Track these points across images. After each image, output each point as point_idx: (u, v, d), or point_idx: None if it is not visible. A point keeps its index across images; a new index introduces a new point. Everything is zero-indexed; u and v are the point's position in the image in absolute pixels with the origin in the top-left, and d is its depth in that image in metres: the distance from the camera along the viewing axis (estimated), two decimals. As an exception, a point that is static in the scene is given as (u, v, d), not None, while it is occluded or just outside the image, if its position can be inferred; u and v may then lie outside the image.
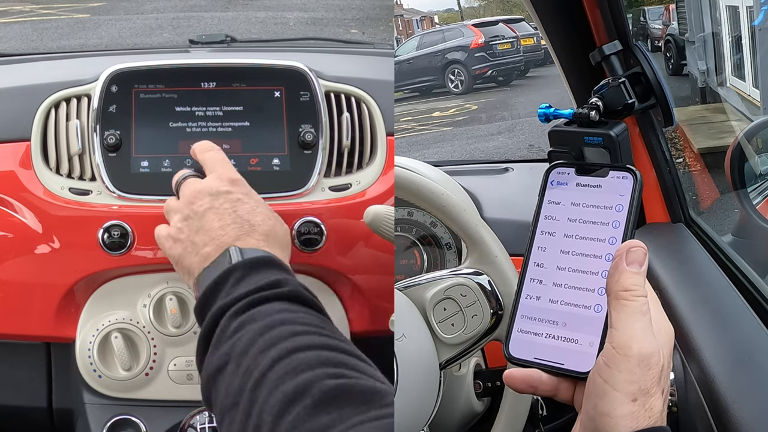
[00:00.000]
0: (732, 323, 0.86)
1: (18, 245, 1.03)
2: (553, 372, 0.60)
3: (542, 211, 0.64)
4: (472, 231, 0.94)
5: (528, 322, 0.63)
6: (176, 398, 1.06)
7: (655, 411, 0.54)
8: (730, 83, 4.29)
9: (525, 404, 0.94)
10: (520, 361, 0.62)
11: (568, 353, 0.60)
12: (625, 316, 0.56)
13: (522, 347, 0.62)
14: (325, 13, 9.79)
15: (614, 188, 0.62)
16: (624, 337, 0.55)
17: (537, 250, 0.64)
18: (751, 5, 3.72)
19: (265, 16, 9.46)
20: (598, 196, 0.63)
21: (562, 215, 0.64)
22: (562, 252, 0.63)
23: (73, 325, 1.05)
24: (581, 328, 0.60)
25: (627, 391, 0.54)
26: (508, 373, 0.61)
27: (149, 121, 1.05)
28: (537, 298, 0.63)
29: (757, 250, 1.29)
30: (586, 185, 0.64)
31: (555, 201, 0.64)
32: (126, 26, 8.92)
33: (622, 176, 0.62)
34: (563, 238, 0.63)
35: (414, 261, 1.28)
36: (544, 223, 0.64)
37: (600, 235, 0.62)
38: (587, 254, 0.62)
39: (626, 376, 0.54)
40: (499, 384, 1.06)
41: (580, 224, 0.63)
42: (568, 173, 0.65)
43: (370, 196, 1.06)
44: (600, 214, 0.62)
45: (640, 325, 0.55)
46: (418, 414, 0.90)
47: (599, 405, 0.55)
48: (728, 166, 1.44)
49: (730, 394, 0.72)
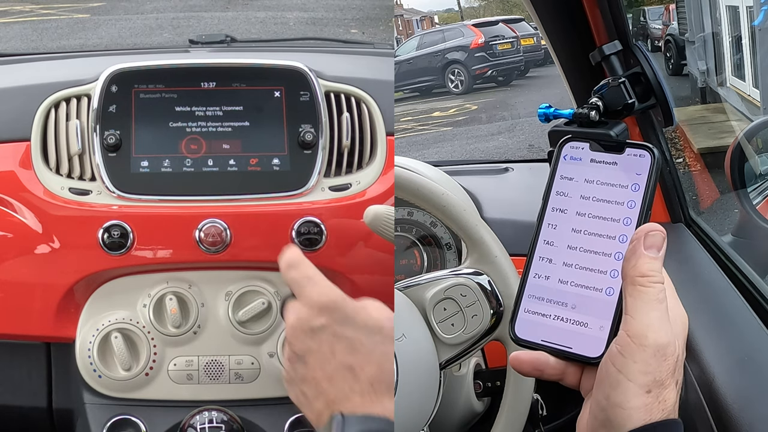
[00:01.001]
0: (732, 323, 0.86)
1: (18, 245, 1.03)
2: (560, 356, 0.58)
3: (554, 186, 0.61)
4: (472, 231, 0.94)
5: (535, 303, 0.60)
6: (176, 398, 1.06)
7: (669, 403, 0.53)
8: (730, 83, 4.29)
9: (525, 404, 0.94)
10: (527, 343, 0.59)
11: (577, 337, 0.58)
12: (642, 304, 0.54)
13: (528, 328, 0.60)
14: (325, 13, 9.79)
15: (631, 166, 0.59)
16: (640, 326, 0.53)
17: (547, 227, 0.61)
18: (751, 5, 3.72)
19: (265, 16, 9.46)
20: (614, 173, 0.60)
21: (575, 192, 0.61)
22: (574, 231, 0.60)
23: (73, 325, 1.05)
24: (591, 311, 0.58)
25: (641, 382, 0.52)
26: (515, 356, 0.59)
27: (149, 121, 1.05)
28: (546, 277, 0.60)
29: (757, 250, 1.29)
30: (601, 162, 0.61)
31: (568, 177, 0.61)
32: (126, 26, 8.92)
33: (639, 154, 0.59)
34: (575, 216, 0.60)
35: (414, 261, 1.28)
36: (556, 200, 0.61)
37: (614, 215, 0.59)
38: (600, 234, 0.59)
39: (641, 366, 0.52)
40: (499, 384, 1.06)
41: (594, 202, 0.60)
42: (582, 148, 0.62)
43: (370, 196, 1.06)
44: (615, 193, 0.59)
45: (657, 314, 0.54)
46: (418, 414, 0.90)
47: (612, 395, 0.53)
48: (728, 166, 1.44)
49: (730, 394, 0.72)
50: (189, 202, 1.03)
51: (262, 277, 1.06)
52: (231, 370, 1.06)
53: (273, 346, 1.06)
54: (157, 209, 1.03)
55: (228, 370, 1.06)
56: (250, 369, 1.06)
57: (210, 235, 1.02)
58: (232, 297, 1.05)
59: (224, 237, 1.02)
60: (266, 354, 1.06)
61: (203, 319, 1.05)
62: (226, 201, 1.04)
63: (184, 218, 1.03)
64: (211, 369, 1.06)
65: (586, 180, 0.61)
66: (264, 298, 1.05)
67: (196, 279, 1.06)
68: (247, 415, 1.05)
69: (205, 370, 1.06)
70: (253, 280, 1.06)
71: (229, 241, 1.03)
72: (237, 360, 1.06)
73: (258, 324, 1.05)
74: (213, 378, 1.06)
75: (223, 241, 1.02)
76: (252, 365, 1.06)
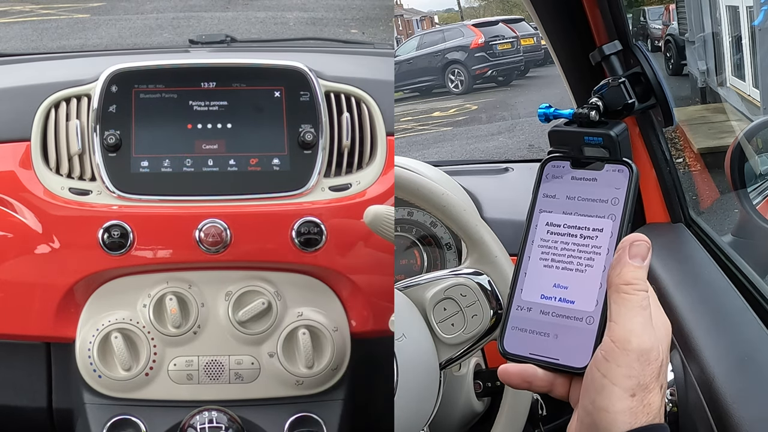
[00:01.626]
0: (732, 323, 0.86)
1: (18, 245, 1.03)
2: (548, 367, 0.59)
3: (537, 205, 0.64)
4: (472, 231, 0.94)
5: (522, 319, 0.62)
6: (176, 398, 1.06)
7: (654, 407, 0.54)
8: (730, 83, 4.29)
9: (525, 404, 0.94)
10: (515, 357, 0.61)
11: (563, 348, 0.59)
12: (626, 310, 0.55)
13: (516, 342, 0.61)
14: (325, 13, 9.79)
15: (610, 181, 0.62)
16: (623, 332, 0.54)
17: (531, 244, 0.63)
18: (751, 5, 3.72)
19: (265, 16, 9.46)
20: (594, 189, 0.62)
21: (557, 209, 0.63)
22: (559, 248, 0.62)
23: (73, 325, 1.05)
24: (572, 334, 0.59)
25: (626, 386, 0.53)
26: (504, 368, 0.60)
27: (149, 121, 1.05)
28: (528, 309, 0.62)
29: (757, 250, 1.29)
30: (581, 178, 0.63)
31: (550, 195, 0.64)
32: (126, 26, 8.92)
33: (618, 169, 0.62)
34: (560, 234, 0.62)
35: (414, 261, 1.28)
36: (539, 218, 0.64)
37: (596, 226, 0.61)
38: (582, 251, 0.61)
39: (625, 370, 0.53)
40: (499, 384, 1.06)
41: (576, 217, 0.62)
42: (563, 166, 0.64)
43: (370, 196, 1.06)
44: (595, 208, 0.62)
45: (640, 320, 0.55)
46: (418, 414, 0.90)
47: (597, 400, 0.54)
48: (728, 166, 1.44)
49: (730, 394, 0.72)
50: (189, 202, 1.03)
51: (262, 277, 1.06)
52: (231, 370, 1.06)
53: (273, 346, 1.06)
54: (157, 209, 1.03)
55: (228, 370, 1.06)
56: (250, 369, 1.06)
57: (210, 235, 1.02)
58: (232, 297, 1.05)
59: (224, 237, 1.02)
60: (266, 354, 1.06)
61: (203, 319, 1.05)
62: (226, 201, 1.04)
63: (184, 218, 1.03)
64: (211, 369, 1.06)
65: (567, 197, 0.63)
66: (264, 298, 1.05)
67: (196, 279, 1.06)
68: (247, 415, 1.05)
69: (205, 370, 1.06)
70: (253, 280, 1.06)
71: (229, 241, 1.03)
72: (237, 360, 1.06)
73: (258, 324, 1.05)
74: (213, 378, 1.06)
75: (223, 241, 1.02)
76: (252, 365, 1.06)
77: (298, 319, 1.06)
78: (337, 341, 1.06)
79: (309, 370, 1.06)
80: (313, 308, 1.07)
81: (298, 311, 1.07)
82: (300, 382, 1.07)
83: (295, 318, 1.06)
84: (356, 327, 1.08)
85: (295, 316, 1.06)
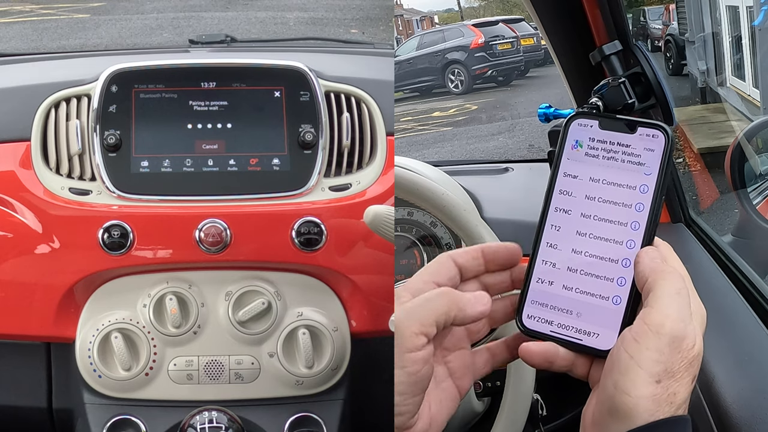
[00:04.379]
0: (732, 323, 0.86)
1: (18, 245, 1.03)
2: (570, 347, 0.56)
3: (560, 168, 0.58)
4: (472, 231, 0.94)
5: (539, 309, 0.58)
6: (176, 398, 1.06)
7: (679, 397, 0.51)
8: (730, 83, 4.30)
9: (525, 404, 0.93)
10: (536, 334, 0.57)
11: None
12: (663, 295, 0.53)
13: (537, 318, 0.58)
14: (325, 13, 9.78)
15: (643, 146, 0.56)
16: (659, 315, 0.52)
17: (554, 212, 0.57)
18: (751, 5, 3.72)
19: (265, 16, 9.46)
20: (624, 157, 0.56)
21: (584, 174, 0.57)
22: (578, 233, 0.57)
23: (73, 325, 1.05)
24: (598, 320, 0.56)
25: (652, 370, 0.51)
26: (526, 347, 0.57)
27: (149, 121, 1.05)
28: (549, 283, 0.58)
29: (757, 250, 1.29)
30: (609, 141, 0.57)
31: (572, 168, 0.58)
32: (126, 26, 8.92)
33: (651, 134, 0.56)
34: (580, 217, 0.57)
35: (414, 261, 1.28)
36: (563, 181, 0.58)
37: (627, 200, 0.56)
38: (611, 224, 0.56)
39: (654, 354, 0.51)
40: (499, 384, 1.06)
41: (604, 185, 0.57)
42: (590, 126, 0.58)
43: (370, 196, 1.06)
44: (626, 178, 0.56)
45: (677, 306, 0.53)
46: (418, 414, 0.90)
47: (620, 382, 0.51)
48: (728, 166, 1.44)
49: (730, 394, 0.72)
50: (189, 202, 1.03)
51: (262, 277, 1.06)
52: (231, 370, 1.06)
53: (273, 346, 1.06)
54: (157, 209, 1.03)
55: (228, 370, 1.06)
56: (250, 369, 1.06)
57: (210, 235, 1.02)
58: (232, 297, 1.05)
59: (224, 237, 1.02)
60: (266, 354, 1.06)
61: (203, 319, 1.05)
62: (226, 201, 1.04)
63: (184, 218, 1.03)
64: (211, 369, 1.06)
65: (592, 171, 0.57)
66: (264, 298, 1.05)
67: (196, 279, 1.06)
68: (247, 415, 1.05)
69: (205, 370, 1.06)
70: (253, 280, 1.06)
71: (229, 241, 1.03)
72: (237, 360, 1.06)
73: (258, 324, 1.05)
74: (213, 378, 1.06)
75: (223, 241, 1.02)
76: (252, 365, 1.06)
77: (298, 319, 1.06)
78: (337, 341, 1.07)
79: (309, 370, 1.06)
80: (313, 308, 1.07)
81: (298, 311, 1.07)
82: (300, 382, 1.07)
83: (295, 318, 1.06)
84: (356, 327, 1.08)
85: (295, 316, 1.06)
